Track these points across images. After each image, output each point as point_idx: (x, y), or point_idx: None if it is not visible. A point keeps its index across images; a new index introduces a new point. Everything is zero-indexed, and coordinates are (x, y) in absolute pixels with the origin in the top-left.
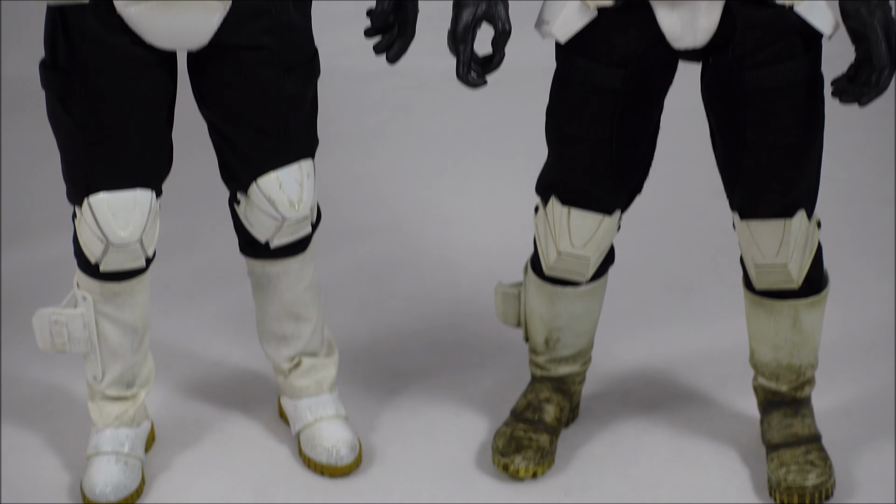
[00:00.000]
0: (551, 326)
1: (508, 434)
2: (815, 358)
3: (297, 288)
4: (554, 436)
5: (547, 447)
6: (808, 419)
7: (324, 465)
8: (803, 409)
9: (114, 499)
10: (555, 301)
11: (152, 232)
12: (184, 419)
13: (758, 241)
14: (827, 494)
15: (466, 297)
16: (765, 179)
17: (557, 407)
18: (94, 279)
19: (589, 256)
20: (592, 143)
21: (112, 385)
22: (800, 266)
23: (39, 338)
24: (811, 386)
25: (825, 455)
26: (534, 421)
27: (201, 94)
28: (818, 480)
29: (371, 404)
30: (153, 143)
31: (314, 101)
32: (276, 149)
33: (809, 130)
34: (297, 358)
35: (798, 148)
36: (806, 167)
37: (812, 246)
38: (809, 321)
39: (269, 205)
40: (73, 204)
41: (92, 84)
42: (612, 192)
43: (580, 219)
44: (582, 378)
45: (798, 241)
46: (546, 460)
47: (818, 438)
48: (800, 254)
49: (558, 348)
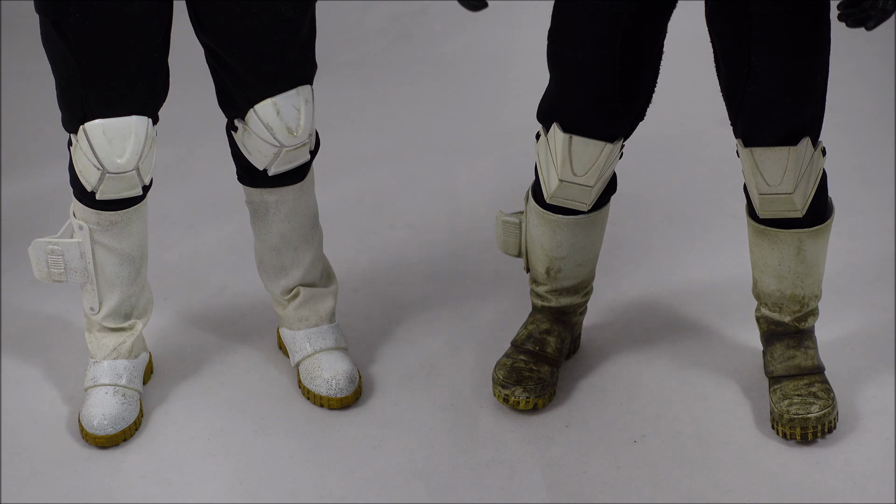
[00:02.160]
0: (552, 256)
1: (509, 365)
2: (819, 288)
3: (296, 217)
4: (555, 367)
5: (548, 378)
6: (811, 350)
7: (323, 397)
8: (806, 340)
9: (112, 431)
10: (556, 230)
11: (149, 159)
12: (182, 351)
13: (762, 168)
14: (830, 427)
15: (466, 227)
16: (769, 105)
17: (559, 338)
18: (91, 208)
19: (591, 185)
20: (595, 68)
21: (109, 316)
22: (804, 195)
23: (36, 268)
24: (815, 317)
25: (828, 387)
26: (534, 352)
27: (198, 18)
28: (821, 412)
29: (371, 335)
30: (149, 67)
31: (312, 26)
32: (273, 74)
33: (815, 55)
34: (295, 288)
35: (803, 73)
36: (811, 93)
37: (817, 174)
38: (813, 250)
39: (266, 131)
40: (68, 131)
41: (86, 7)
42: (615, 118)
43: (582, 146)
44: (583, 309)
45: (803, 169)
46: (547, 392)
47: (821, 370)
48: (805, 182)
49: (559, 279)
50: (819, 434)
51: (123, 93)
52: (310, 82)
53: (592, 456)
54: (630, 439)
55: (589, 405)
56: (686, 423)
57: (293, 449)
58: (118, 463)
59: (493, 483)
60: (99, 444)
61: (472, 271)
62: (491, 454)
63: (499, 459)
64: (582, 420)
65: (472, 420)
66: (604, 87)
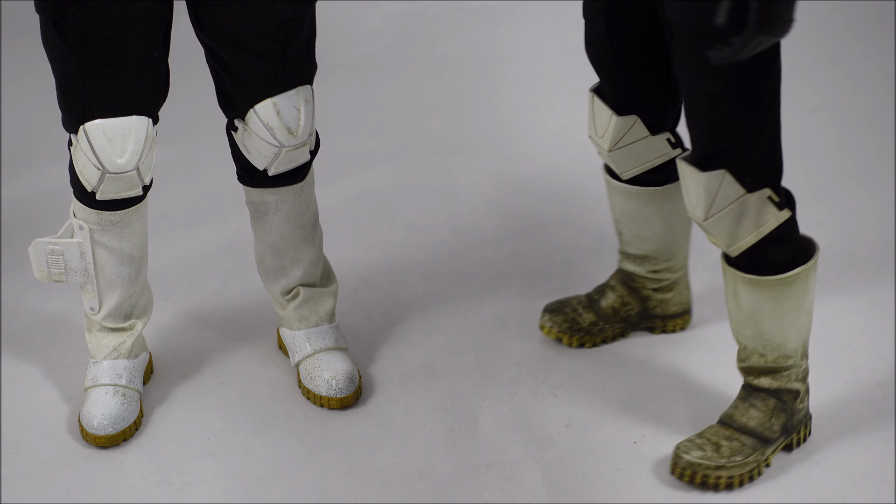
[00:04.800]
0: (613, 216)
1: (566, 300)
2: (767, 349)
3: (296, 217)
4: (603, 322)
5: (584, 326)
6: (753, 411)
7: (323, 397)
8: (753, 398)
9: (112, 431)
10: (609, 190)
11: (149, 159)
12: (182, 351)
13: (684, 184)
14: (702, 480)
15: (466, 227)
16: (688, 120)
17: (619, 299)
18: (91, 208)
19: (606, 146)
20: (593, 36)
21: (109, 316)
22: (729, 233)
23: (36, 268)
24: (773, 380)
25: (741, 450)
26: (590, 298)
27: (198, 18)
28: (699, 460)
29: (371, 335)
30: (149, 67)
31: (312, 26)
32: (273, 74)
33: (735, 85)
34: (295, 288)
35: (719, 100)
36: (731, 126)
37: (758, 221)
38: (749, 300)
39: (266, 131)
40: (68, 132)
41: (86, 7)
42: (621, 92)
43: (599, 107)
44: (659, 287)
45: (721, 203)
46: (577, 336)
47: (759, 438)
48: (729, 220)
49: (623, 241)
50: (685, 478)
51: (124, 93)
52: (310, 82)
53: (592, 457)
54: (630, 440)
55: (589, 405)
56: (686, 423)
57: (293, 449)
58: (118, 463)
59: (493, 483)
60: (99, 444)
61: (472, 271)
62: (491, 454)
63: (499, 460)
64: (582, 420)
65: (472, 420)
66: (601, 54)
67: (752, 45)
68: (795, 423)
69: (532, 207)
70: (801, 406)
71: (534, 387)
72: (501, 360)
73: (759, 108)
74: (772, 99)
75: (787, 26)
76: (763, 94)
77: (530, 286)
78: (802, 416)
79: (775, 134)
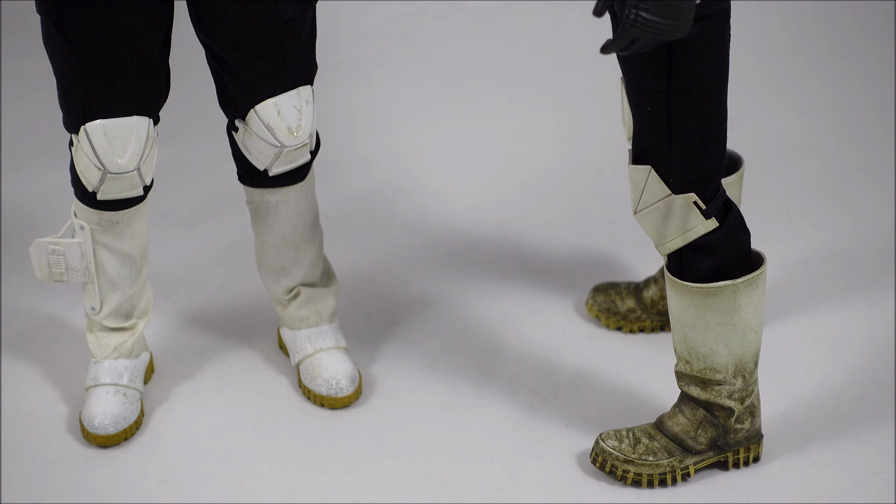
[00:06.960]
0: None
1: (616, 283)
2: (692, 357)
3: (296, 217)
4: (640, 311)
5: (621, 311)
6: (680, 417)
7: (323, 397)
8: (683, 404)
9: (113, 430)
10: None
11: (150, 160)
12: (183, 351)
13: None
14: (610, 469)
15: (467, 227)
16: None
17: (660, 292)
18: (92, 208)
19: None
20: None
21: (110, 316)
22: (656, 231)
23: (37, 268)
24: (699, 390)
25: (656, 452)
26: (635, 286)
27: (198, 19)
28: (612, 449)
29: (371, 335)
30: (150, 68)
31: (313, 27)
32: (274, 75)
33: (655, 81)
34: (296, 288)
35: (641, 94)
36: (652, 122)
37: (685, 225)
38: (674, 303)
39: (267, 132)
40: (69, 132)
41: (87, 7)
42: None
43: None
44: None
45: (648, 199)
46: (614, 318)
47: (676, 440)
48: (657, 218)
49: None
50: (597, 463)
51: (124, 93)
52: (310, 83)
53: None
54: None
55: (589, 405)
56: None
57: (293, 449)
58: (119, 462)
59: (493, 483)
60: (100, 444)
61: (472, 271)
62: (491, 454)
63: (499, 460)
64: (582, 420)
65: (472, 420)
66: None
67: (625, 38)
68: (731, 442)
69: (532, 207)
70: (740, 427)
71: (534, 387)
72: (501, 360)
73: (683, 108)
74: (702, 106)
75: (665, 27)
76: (688, 95)
77: (530, 286)
78: (743, 437)
79: (708, 142)
